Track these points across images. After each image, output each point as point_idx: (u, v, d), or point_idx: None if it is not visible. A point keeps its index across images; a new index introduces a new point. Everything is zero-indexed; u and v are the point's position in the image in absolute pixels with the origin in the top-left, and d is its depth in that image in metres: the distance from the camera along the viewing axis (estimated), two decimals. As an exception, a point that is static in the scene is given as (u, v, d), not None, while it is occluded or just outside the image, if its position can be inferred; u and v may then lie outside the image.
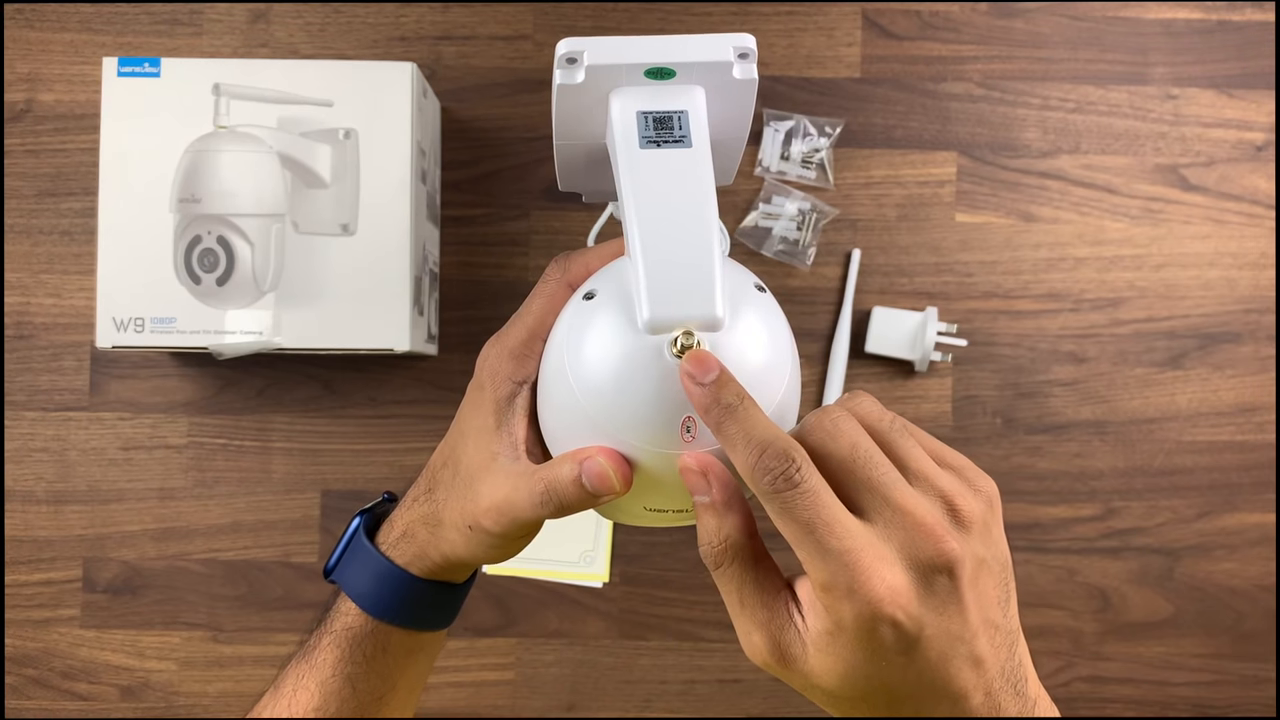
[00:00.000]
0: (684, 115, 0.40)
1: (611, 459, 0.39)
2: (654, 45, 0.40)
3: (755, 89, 0.41)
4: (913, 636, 0.35)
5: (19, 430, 0.81)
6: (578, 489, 0.40)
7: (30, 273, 0.81)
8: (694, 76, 0.40)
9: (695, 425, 0.37)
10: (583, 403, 0.39)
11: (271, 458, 0.81)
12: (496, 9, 0.83)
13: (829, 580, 0.36)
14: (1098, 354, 0.83)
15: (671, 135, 0.39)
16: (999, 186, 0.83)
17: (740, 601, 0.38)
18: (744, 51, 0.40)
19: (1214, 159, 0.83)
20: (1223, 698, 0.82)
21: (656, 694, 0.82)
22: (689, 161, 0.39)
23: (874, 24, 0.83)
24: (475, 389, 0.46)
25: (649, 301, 0.37)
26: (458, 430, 0.47)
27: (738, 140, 0.44)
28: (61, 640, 0.81)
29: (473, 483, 0.45)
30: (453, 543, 0.46)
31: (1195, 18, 0.84)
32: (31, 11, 0.82)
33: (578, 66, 0.40)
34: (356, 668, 0.49)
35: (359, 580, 0.49)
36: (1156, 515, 0.82)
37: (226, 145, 0.72)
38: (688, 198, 0.38)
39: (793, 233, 0.81)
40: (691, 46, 0.40)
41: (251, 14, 0.82)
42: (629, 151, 0.39)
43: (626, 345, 0.38)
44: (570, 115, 0.42)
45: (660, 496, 0.40)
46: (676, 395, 0.37)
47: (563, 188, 0.48)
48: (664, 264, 0.37)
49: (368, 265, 0.72)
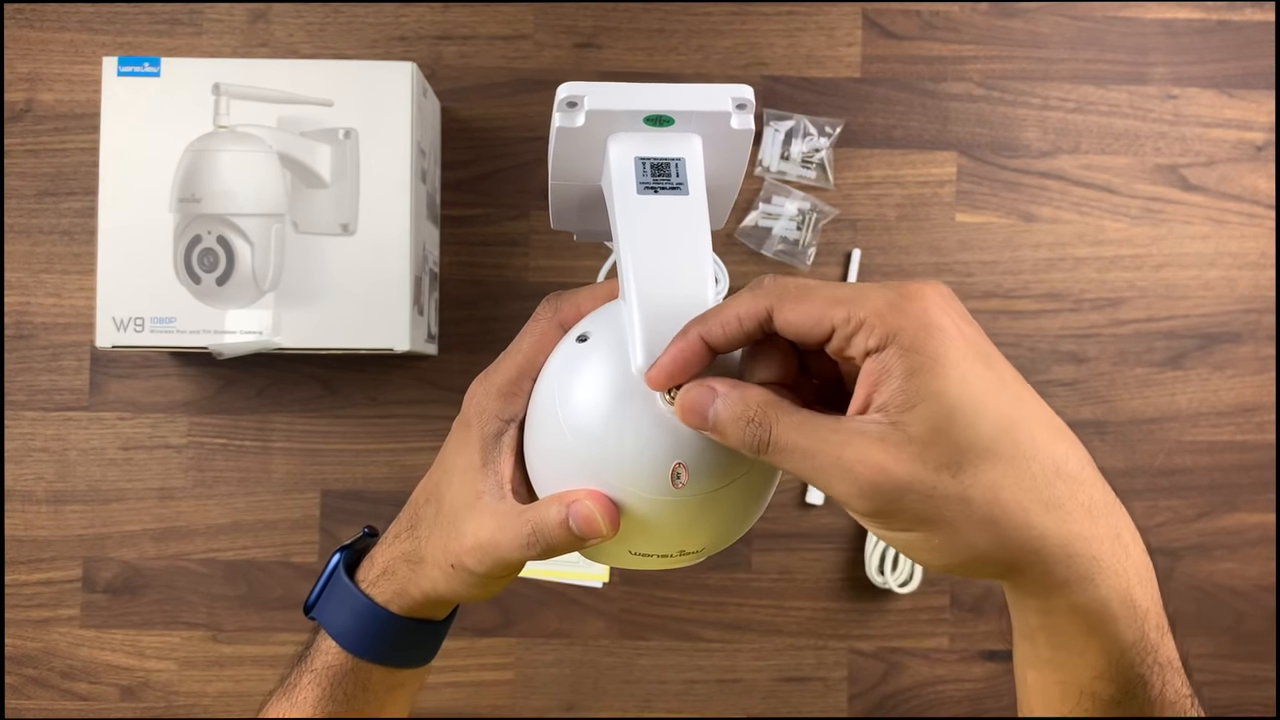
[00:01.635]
0: (681, 163, 0.40)
1: (600, 503, 0.39)
2: (654, 93, 0.40)
3: (751, 138, 0.42)
4: (974, 334, 0.35)
5: (19, 430, 0.81)
6: (564, 532, 0.40)
7: (30, 272, 0.81)
8: (692, 125, 0.40)
9: (685, 472, 0.38)
10: (572, 445, 0.39)
11: (271, 458, 0.81)
12: (496, 9, 0.83)
13: (874, 316, 0.34)
14: (1098, 354, 0.83)
15: (669, 182, 0.40)
16: (999, 186, 0.83)
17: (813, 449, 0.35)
18: (742, 102, 0.40)
19: (1214, 159, 0.83)
20: (1223, 698, 0.82)
21: (656, 694, 0.82)
22: (685, 208, 0.39)
23: (874, 24, 0.83)
24: (461, 426, 0.45)
25: (645, 349, 0.37)
26: (442, 467, 0.47)
27: (732, 187, 0.44)
28: (61, 640, 0.81)
29: (456, 521, 0.44)
30: (434, 580, 0.46)
31: (1195, 18, 0.84)
32: (31, 11, 0.82)
33: (578, 110, 0.40)
34: (337, 706, 0.49)
35: (339, 618, 0.49)
36: (1156, 515, 0.82)
37: (226, 145, 0.72)
38: (683, 244, 0.39)
39: (793, 233, 0.81)
40: (691, 96, 0.40)
41: (251, 14, 0.82)
42: (626, 196, 0.40)
43: (619, 390, 0.38)
44: (568, 157, 0.42)
45: (646, 541, 0.40)
46: (667, 441, 0.37)
47: (555, 226, 0.48)
48: (659, 310, 0.37)
49: (368, 265, 0.72)
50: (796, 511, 0.82)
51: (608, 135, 0.41)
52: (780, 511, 0.82)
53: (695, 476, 0.38)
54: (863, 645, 0.82)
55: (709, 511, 0.39)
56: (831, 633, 0.82)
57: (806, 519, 0.82)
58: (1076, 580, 0.35)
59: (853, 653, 0.82)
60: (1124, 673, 0.37)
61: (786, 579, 0.82)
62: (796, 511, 0.82)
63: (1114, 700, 0.37)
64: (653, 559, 0.41)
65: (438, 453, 0.48)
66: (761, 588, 0.82)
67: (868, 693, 0.82)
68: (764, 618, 0.82)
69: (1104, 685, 0.37)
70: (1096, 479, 0.37)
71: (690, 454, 0.38)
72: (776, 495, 0.81)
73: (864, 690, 0.82)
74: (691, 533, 0.40)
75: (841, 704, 0.82)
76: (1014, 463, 0.34)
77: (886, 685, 0.82)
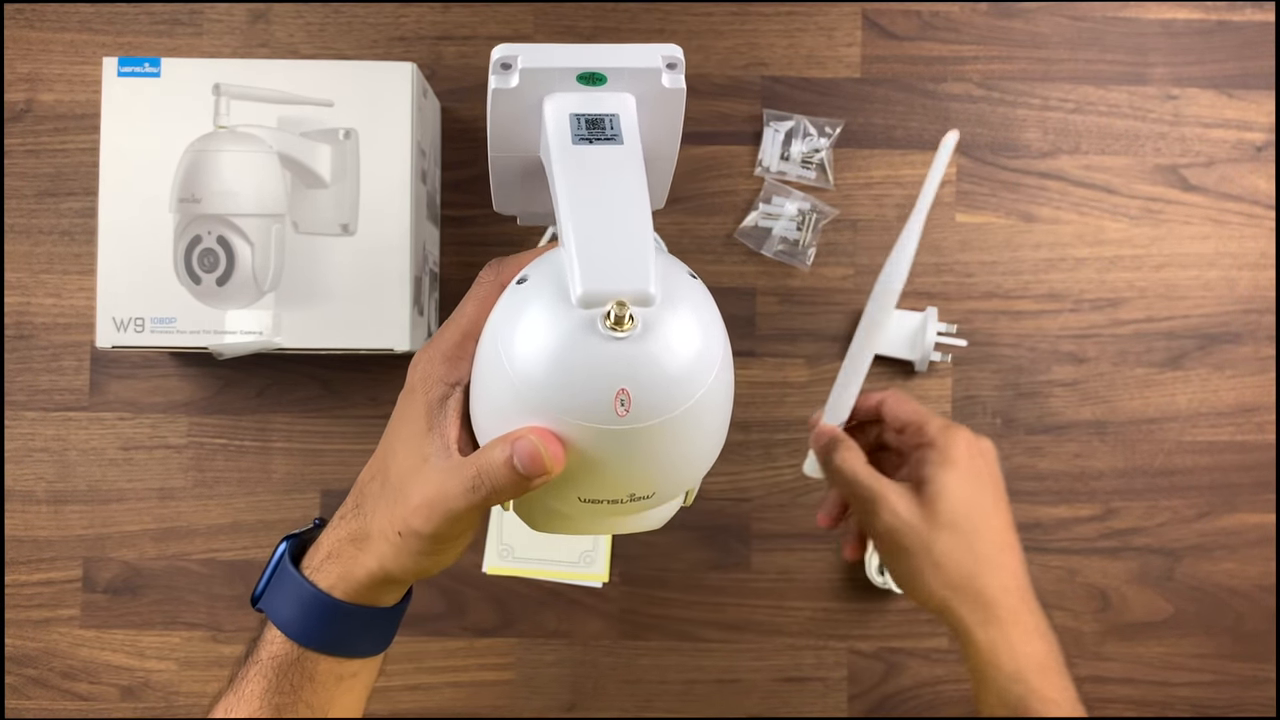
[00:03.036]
0: (615, 117, 0.40)
1: (543, 436, 0.38)
2: (586, 52, 0.40)
3: (683, 99, 0.42)
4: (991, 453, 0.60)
5: (19, 430, 0.81)
6: (509, 471, 0.39)
7: (30, 273, 0.81)
8: (625, 84, 0.41)
9: (629, 399, 0.37)
10: (515, 382, 0.38)
11: (271, 458, 0.81)
12: (496, 9, 0.83)
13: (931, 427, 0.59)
14: (1098, 354, 0.83)
15: (603, 134, 0.40)
16: (999, 187, 0.83)
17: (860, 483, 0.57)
18: (672, 61, 0.41)
19: (1214, 159, 0.83)
20: (1223, 698, 0.82)
21: (656, 694, 0.82)
22: (620, 155, 0.40)
23: (874, 24, 0.83)
24: (406, 394, 0.45)
25: (582, 277, 0.37)
26: (387, 442, 0.46)
27: (668, 158, 0.44)
28: (61, 640, 0.81)
29: (403, 486, 0.44)
30: (381, 555, 0.45)
31: (1195, 18, 0.84)
32: (31, 11, 0.82)
33: (512, 71, 0.40)
34: (284, 698, 0.47)
35: (283, 607, 0.48)
36: (1156, 515, 0.82)
37: (226, 145, 0.72)
38: (620, 185, 0.39)
39: (793, 233, 0.81)
40: (622, 54, 0.41)
41: (251, 14, 0.82)
42: (562, 146, 0.40)
43: (559, 321, 0.38)
44: (505, 123, 0.42)
45: (593, 482, 0.40)
46: (609, 368, 0.37)
47: (498, 208, 0.47)
48: (597, 241, 0.37)
49: (368, 265, 0.72)
50: (796, 511, 0.82)
51: (543, 96, 0.41)
52: (780, 511, 0.82)
53: (639, 404, 0.37)
54: (863, 645, 0.82)
55: (655, 443, 0.38)
56: (831, 633, 0.82)
57: (806, 519, 0.82)
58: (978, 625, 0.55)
59: (853, 653, 0.82)
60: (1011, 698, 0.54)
61: (786, 579, 0.82)
62: (796, 511, 0.82)
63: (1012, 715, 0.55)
64: (603, 505, 0.41)
65: None
66: (761, 588, 0.82)
67: (868, 693, 0.82)
68: (764, 618, 0.82)
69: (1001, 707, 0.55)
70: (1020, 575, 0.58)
71: (633, 381, 0.37)
72: (775, 497, 0.82)
73: (864, 690, 0.82)
74: (639, 469, 0.40)
75: (841, 704, 0.82)
76: (966, 539, 0.56)
77: (886, 685, 0.82)
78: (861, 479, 0.57)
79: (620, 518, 0.44)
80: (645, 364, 0.37)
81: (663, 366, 0.37)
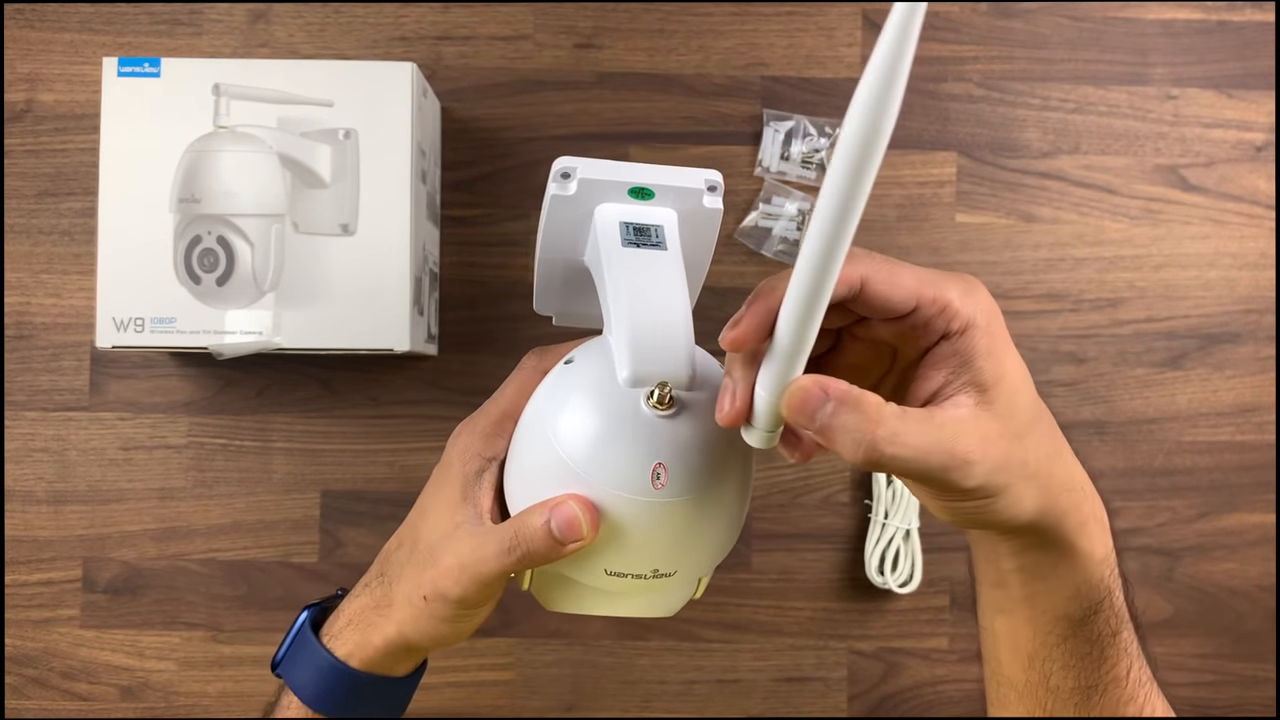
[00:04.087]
0: (660, 228, 0.44)
1: (581, 503, 0.41)
2: (639, 170, 0.44)
3: (719, 218, 0.46)
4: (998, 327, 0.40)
5: (19, 430, 0.81)
6: (546, 535, 0.41)
7: (30, 273, 0.81)
8: (670, 200, 0.45)
9: (664, 472, 0.41)
10: (559, 452, 0.41)
11: (271, 458, 0.81)
12: (496, 9, 0.83)
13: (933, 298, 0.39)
14: (1098, 354, 0.83)
15: (650, 240, 0.44)
16: (999, 187, 0.83)
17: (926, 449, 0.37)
18: (713, 184, 0.45)
19: (1214, 159, 0.83)
20: (1223, 698, 0.82)
21: (656, 694, 0.82)
22: (665, 259, 0.44)
23: (874, 24, 0.83)
24: (443, 467, 0.47)
25: (630, 360, 0.41)
26: (418, 510, 0.48)
27: (702, 265, 0.48)
28: (61, 640, 0.81)
29: (433, 551, 0.45)
30: (401, 621, 0.46)
31: (1195, 18, 0.84)
32: (31, 11, 0.82)
33: (571, 180, 0.44)
34: None
35: (300, 673, 0.49)
36: (1156, 515, 0.82)
37: (226, 145, 0.72)
38: (664, 282, 0.43)
39: (793, 233, 0.82)
40: (670, 174, 0.45)
41: (251, 14, 0.82)
42: (612, 248, 0.44)
43: (605, 398, 0.41)
44: (558, 227, 0.46)
45: (622, 554, 0.42)
46: (649, 442, 0.40)
47: (538, 308, 0.51)
48: (643, 330, 0.41)
49: (368, 265, 0.72)
50: (796, 512, 0.82)
51: (595, 205, 0.45)
52: (780, 512, 0.82)
53: (674, 478, 0.40)
54: (862, 645, 0.82)
55: (684, 517, 0.41)
56: (831, 633, 0.82)
57: (806, 519, 0.82)
58: (1072, 509, 0.42)
59: (852, 653, 0.82)
60: (1095, 585, 0.43)
61: (786, 579, 0.82)
62: (796, 512, 0.82)
63: (1084, 617, 0.43)
64: (626, 580, 0.43)
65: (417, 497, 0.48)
66: (761, 588, 0.82)
67: (867, 693, 0.82)
68: (764, 618, 0.82)
69: (1075, 604, 0.43)
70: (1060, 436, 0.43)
71: (670, 456, 0.41)
72: (775, 497, 0.82)
73: (864, 690, 0.82)
74: (666, 543, 0.42)
75: (841, 704, 0.82)
76: (1041, 425, 0.40)
77: (886, 685, 0.82)
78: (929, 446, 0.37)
79: (637, 597, 0.46)
80: (683, 442, 0.41)
81: (697, 446, 0.41)
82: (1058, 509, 0.41)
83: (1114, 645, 0.43)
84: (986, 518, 0.40)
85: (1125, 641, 0.44)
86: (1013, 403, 0.38)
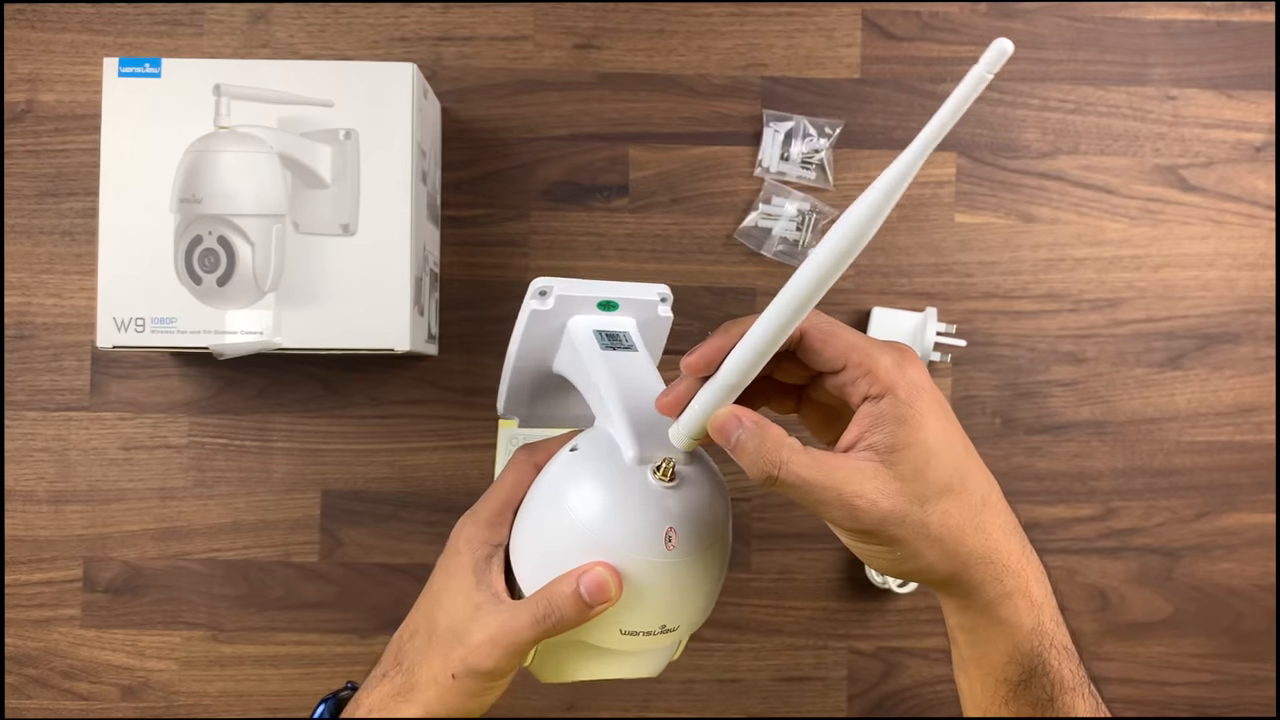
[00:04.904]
0: (627, 334, 0.52)
1: (607, 568, 0.45)
2: (603, 286, 0.52)
3: (670, 324, 0.54)
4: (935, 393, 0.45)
5: (19, 430, 0.81)
6: (576, 601, 0.45)
7: (31, 273, 0.82)
8: (630, 310, 0.53)
9: (675, 535, 0.46)
10: (580, 527, 0.46)
11: (272, 458, 0.82)
12: (496, 9, 0.83)
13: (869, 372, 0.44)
14: (1097, 354, 0.83)
15: (621, 344, 0.52)
16: (998, 187, 0.83)
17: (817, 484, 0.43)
18: (665, 296, 0.53)
19: (1213, 159, 0.83)
20: (1223, 698, 0.82)
21: (656, 694, 0.82)
22: (639, 358, 0.51)
23: (874, 25, 0.83)
24: (451, 555, 0.50)
25: (635, 442, 0.47)
26: (430, 598, 0.50)
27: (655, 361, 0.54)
28: (62, 640, 0.81)
29: (457, 633, 0.48)
30: (427, 702, 0.48)
31: (1195, 18, 0.84)
32: (32, 12, 0.82)
33: (548, 297, 0.50)
34: None
35: None
36: (1156, 515, 0.82)
37: (227, 145, 0.72)
38: (644, 378, 0.50)
39: (792, 233, 0.82)
40: (630, 289, 0.52)
41: (252, 14, 0.82)
42: (592, 352, 0.51)
43: (615, 476, 0.47)
44: (534, 338, 0.52)
45: (638, 612, 0.47)
46: (659, 510, 0.46)
47: (503, 411, 0.57)
48: (637, 416, 0.48)
49: (368, 265, 0.72)
50: (796, 511, 0.82)
51: (568, 318, 0.52)
52: (780, 512, 0.82)
53: (682, 540, 0.46)
54: (862, 645, 0.82)
55: (691, 574, 0.47)
56: (831, 633, 0.82)
57: (806, 519, 0.82)
58: (990, 581, 0.45)
59: (852, 652, 0.82)
60: (1027, 655, 0.46)
61: (786, 579, 0.82)
62: (796, 511, 0.82)
63: (1021, 682, 0.46)
64: (638, 637, 0.48)
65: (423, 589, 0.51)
66: (761, 588, 0.82)
67: (867, 692, 0.82)
68: (764, 617, 0.82)
69: (1013, 669, 0.46)
70: (1006, 507, 0.47)
71: (678, 521, 0.46)
72: (774, 497, 0.82)
73: (863, 690, 0.82)
74: (676, 599, 0.48)
75: (841, 704, 0.82)
76: (959, 497, 0.44)
77: (886, 685, 0.82)
78: (814, 480, 0.42)
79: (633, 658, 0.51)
80: (686, 508, 0.47)
81: (697, 511, 0.47)
82: (971, 578, 0.45)
83: (1051, 710, 0.46)
84: (896, 568, 0.45)
85: (1065, 707, 0.46)
86: (919, 469, 0.43)
